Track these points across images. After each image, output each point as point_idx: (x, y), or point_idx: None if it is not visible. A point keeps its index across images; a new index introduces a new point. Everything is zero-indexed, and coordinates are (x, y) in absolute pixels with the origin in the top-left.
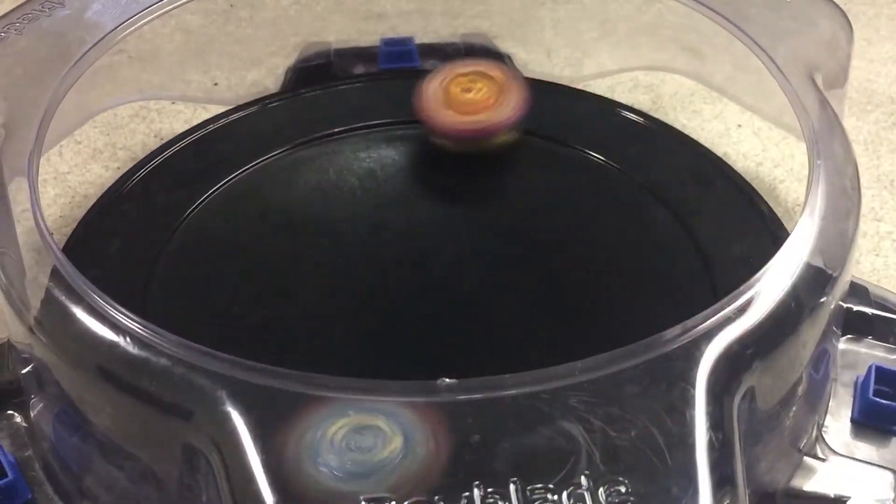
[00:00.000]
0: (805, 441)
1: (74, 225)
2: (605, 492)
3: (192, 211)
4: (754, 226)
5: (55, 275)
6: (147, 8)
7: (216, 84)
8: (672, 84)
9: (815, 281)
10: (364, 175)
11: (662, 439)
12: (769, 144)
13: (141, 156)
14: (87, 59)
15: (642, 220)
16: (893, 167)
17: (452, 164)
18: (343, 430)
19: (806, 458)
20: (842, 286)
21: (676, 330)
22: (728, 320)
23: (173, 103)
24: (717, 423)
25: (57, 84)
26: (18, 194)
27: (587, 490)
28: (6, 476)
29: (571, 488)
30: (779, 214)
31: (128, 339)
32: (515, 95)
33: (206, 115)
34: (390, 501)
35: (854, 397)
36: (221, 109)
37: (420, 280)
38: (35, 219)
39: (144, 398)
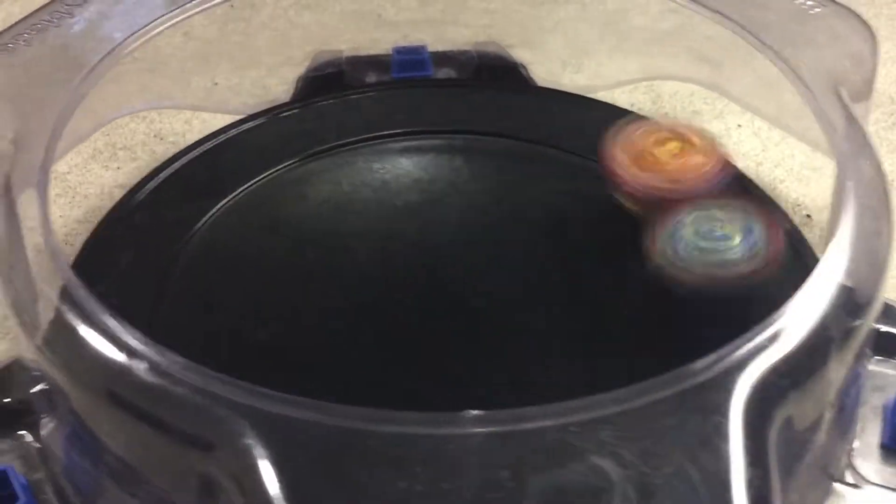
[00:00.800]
0: (836, 467)
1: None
2: None
3: (204, 223)
4: None
5: (65, 295)
6: (158, 18)
7: (226, 92)
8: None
9: (849, 305)
10: (377, 186)
11: (699, 476)
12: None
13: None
14: (98, 71)
15: None
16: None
17: (465, 176)
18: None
19: (836, 485)
20: (876, 309)
21: (709, 359)
22: (762, 348)
23: None
24: (755, 458)
25: (68, 96)
26: (28, 209)
27: None
28: (18, 499)
29: None
30: None
31: (144, 364)
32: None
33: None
34: None
35: (884, 421)
36: (229, 118)
37: (435, 294)
38: (46, 238)
39: (162, 427)
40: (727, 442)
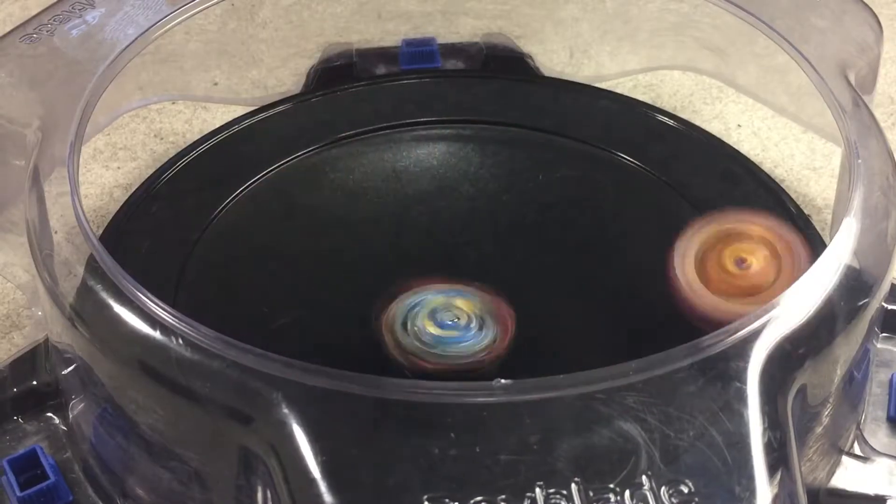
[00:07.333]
0: (845, 440)
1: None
2: (667, 492)
3: (220, 212)
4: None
5: (97, 271)
6: (179, 8)
7: (239, 84)
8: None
9: (861, 280)
10: (388, 174)
11: (721, 439)
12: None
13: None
14: (121, 60)
15: (669, 219)
16: None
17: (475, 164)
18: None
19: (846, 458)
20: (885, 286)
21: (728, 329)
22: (779, 319)
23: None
24: (774, 422)
25: (93, 85)
26: (58, 188)
27: (649, 490)
28: (48, 479)
29: (634, 488)
30: None
31: (179, 339)
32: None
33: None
34: (453, 501)
35: (890, 395)
36: (228, 116)
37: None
38: (80, 224)
39: (198, 400)
40: (746, 407)
